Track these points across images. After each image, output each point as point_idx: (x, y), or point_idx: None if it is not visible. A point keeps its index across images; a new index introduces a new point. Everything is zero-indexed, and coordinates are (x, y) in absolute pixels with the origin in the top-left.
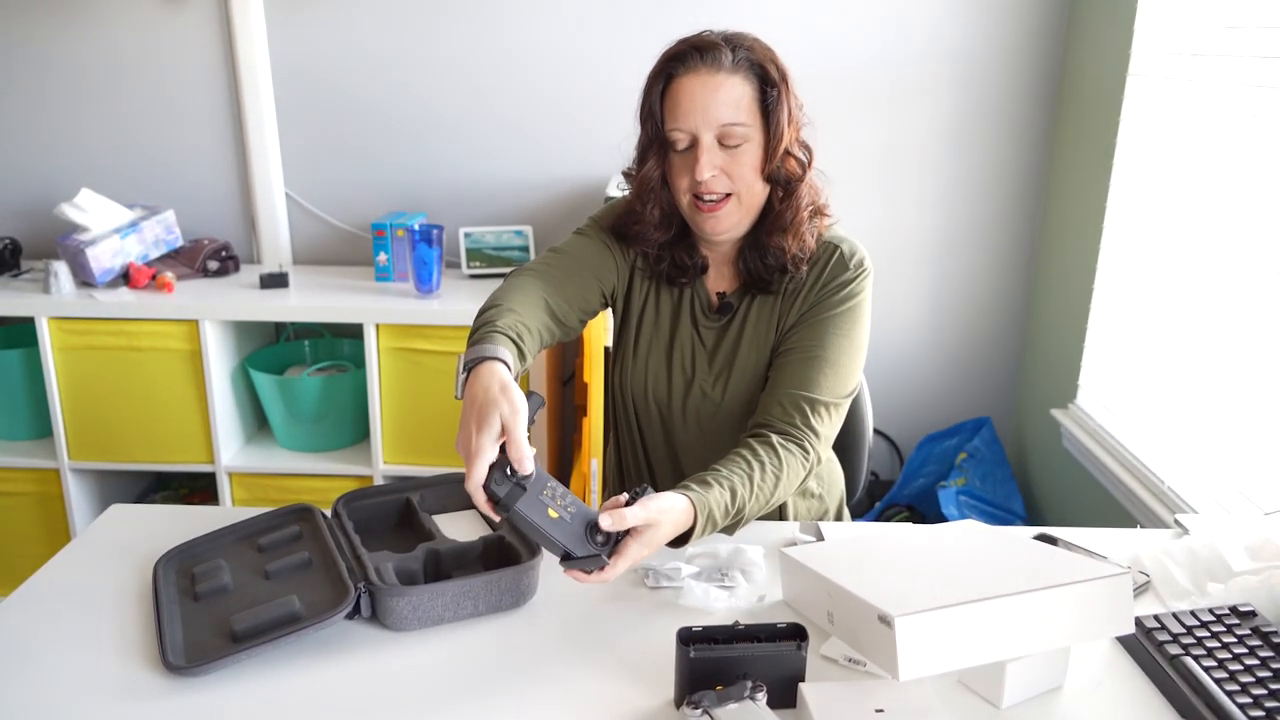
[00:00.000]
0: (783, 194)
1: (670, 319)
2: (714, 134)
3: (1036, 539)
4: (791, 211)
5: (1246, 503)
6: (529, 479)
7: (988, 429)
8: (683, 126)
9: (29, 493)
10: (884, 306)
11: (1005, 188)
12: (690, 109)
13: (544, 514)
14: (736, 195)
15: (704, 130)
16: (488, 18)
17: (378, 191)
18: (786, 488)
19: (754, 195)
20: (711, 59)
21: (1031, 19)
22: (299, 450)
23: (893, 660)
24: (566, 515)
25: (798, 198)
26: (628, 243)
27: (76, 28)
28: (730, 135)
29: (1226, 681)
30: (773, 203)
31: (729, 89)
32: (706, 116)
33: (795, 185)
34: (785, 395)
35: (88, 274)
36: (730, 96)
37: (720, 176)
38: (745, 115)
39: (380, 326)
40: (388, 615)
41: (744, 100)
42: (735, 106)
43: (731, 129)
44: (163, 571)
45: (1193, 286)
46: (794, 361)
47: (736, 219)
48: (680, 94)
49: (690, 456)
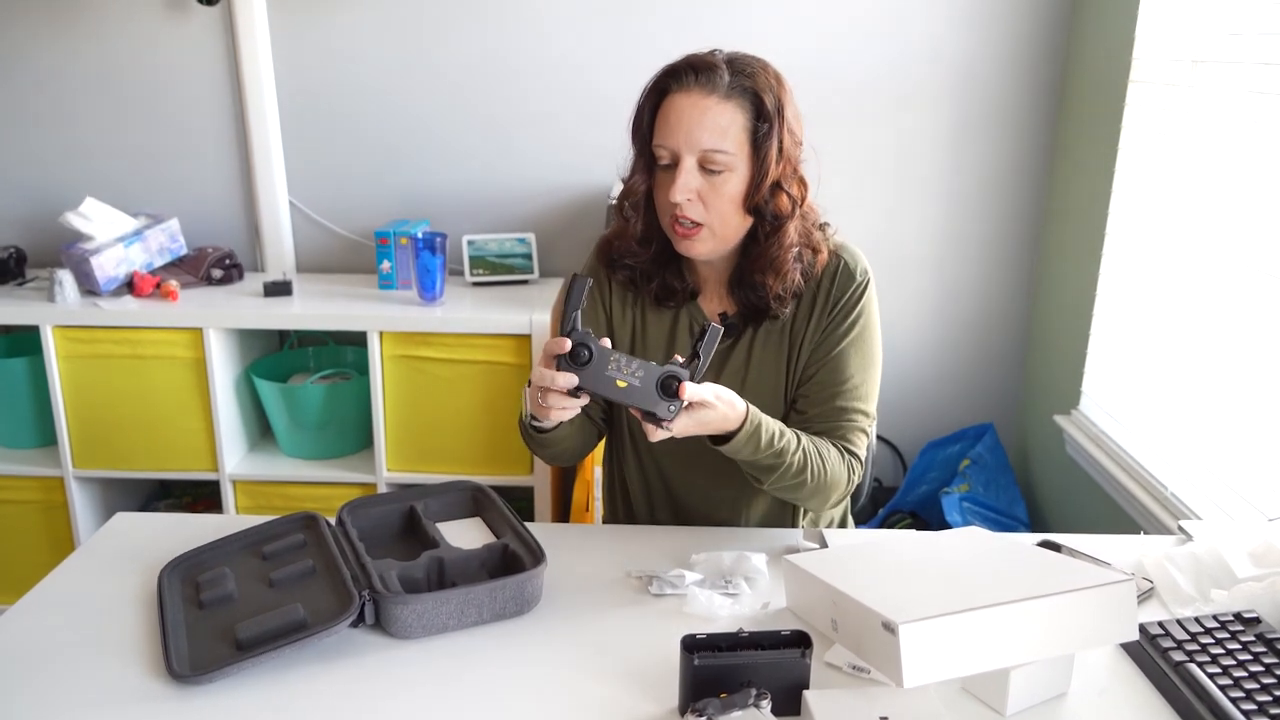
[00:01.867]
0: (769, 230)
1: (666, 345)
2: (695, 157)
3: (1040, 545)
4: (776, 249)
5: (1250, 509)
6: (591, 359)
7: (991, 435)
8: (666, 144)
9: (33, 501)
10: (887, 314)
11: (1007, 194)
12: (675, 128)
13: (613, 386)
14: (709, 227)
15: (686, 152)
16: (490, 27)
17: (381, 199)
18: (822, 477)
19: (729, 228)
20: (706, 80)
21: (1033, 26)
22: (302, 458)
23: (897, 667)
24: (636, 380)
25: (784, 235)
26: (615, 265)
27: (81, 37)
28: (711, 161)
29: (1231, 688)
30: (758, 236)
31: (717, 114)
32: (690, 138)
33: (783, 222)
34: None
35: (92, 282)
36: (718, 122)
37: (695, 204)
38: (730, 144)
39: (384, 334)
40: (392, 623)
41: (731, 129)
42: (721, 133)
43: (713, 155)
44: (168, 579)
45: (1195, 292)
46: (825, 401)
47: (710, 247)
48: (670, 111)
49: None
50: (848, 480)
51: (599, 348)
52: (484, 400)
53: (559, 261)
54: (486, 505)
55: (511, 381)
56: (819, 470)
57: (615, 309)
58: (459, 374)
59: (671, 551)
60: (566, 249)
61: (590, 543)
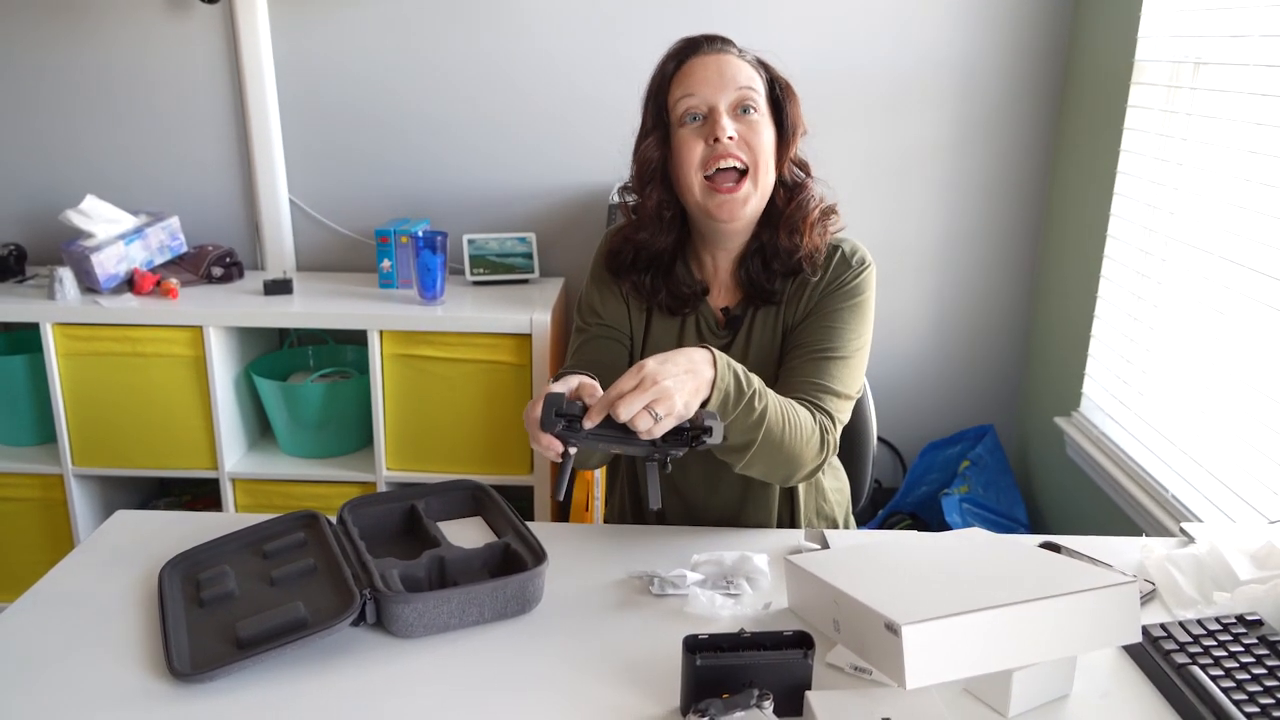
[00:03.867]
0: (788, 195)
1: (676, 343)
2: (732, 99)
3: (1041, 547)
4: (802, 209)
5: (1252, 511)
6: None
7: (991, 437)
8: (698, 92)
9: (33, 498)
10: (887, 314)
11: (1009, 196)
12: (705, 79)
13: None
14: (753, 173)
15: (721, 98)
16: (492, 26)
17: (381, 198)
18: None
19: (769, 177)
20: (724, 45)
21: (1035, 27)
22: (302, 456)
23: (899, 668)
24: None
25: (808, 194)
26: (623, 273)
27: (82, 35)
28: (748, 99)
29: (1233, 690)
30: (777, 204)
31: (742, 67)
32: (724, 81)
33: (805, 180)
34: (800, 385)
35: (92, 280)
36: (745, 71)
37: (740, 143)
38: (760, 90)
39: (384, 333)
40: (393, 622)
41: (755, 81)
42: (750, 79)
43: (749, 93)
44: (168, 578)
45: (1196, 295)
46: (806, 359)
47: (753, 204)
48: (696, 68)
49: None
50: (821, 444)
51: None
52: (484, 400)
53: (559, 261)
54: (487, 504)
55: (512, 381)
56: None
57: (632, 304)
58: (459, 373)
59: (673, 551)
60: (567, 248)
61: (591, 542)
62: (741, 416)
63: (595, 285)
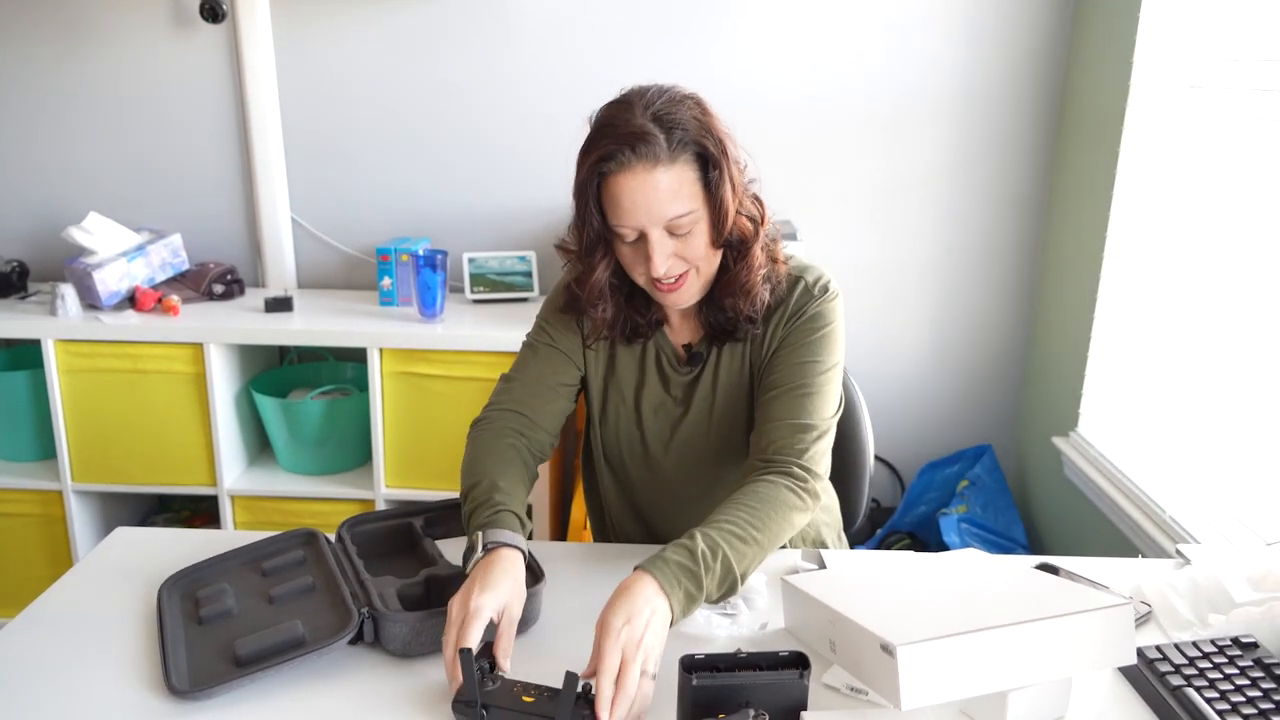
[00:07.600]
0: (736, 255)
1: (636, 377)
2: (661, 229)
3: (1038, 568)
4: (745, 272)
5: (1248, 533)
6: (500, 679)
7: (989, 457)
8: (628, 224)
9: (32, 514)
10: (885, 334)
11: (1006, 216)
12: (633, 208)
13: (520, 703)
14: (694, 269)
15: (651, 226)
16: (492, 46)
17: (382, 216)
18: (778, 527)
19: (711, 264)
20: (645, 152)
21: (1033, 51)
22: (301, 473)
23: (895, 689)
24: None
25: (751, 258)
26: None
27: (86, 53)
28: (678, 226)
29: (1229, 713)
30: (727, 263)
31: (669, 181)
32: (651, 214)
33: (749, 245)
34: (777, 430)
35: (94, 297)
36: (672, 189)
37: (675, 260)
38: (689, 202)
39: (384, 351)
40: (391, 641)
41: (684, 186)
42: (678, 197)
43: (678, 221)
44: (167, 595)
45: (1193, 315)
46: (781, 397)
47: (698, 288)
48: (620, 193)
49: (674, 500)
50: (805, 507)
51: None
52: None
53: (559, 279)
54: None
55: None
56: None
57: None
58: (458, 390)
59: None
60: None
61: (588, 561)
62: (717, 587)
63: (555, 314)
